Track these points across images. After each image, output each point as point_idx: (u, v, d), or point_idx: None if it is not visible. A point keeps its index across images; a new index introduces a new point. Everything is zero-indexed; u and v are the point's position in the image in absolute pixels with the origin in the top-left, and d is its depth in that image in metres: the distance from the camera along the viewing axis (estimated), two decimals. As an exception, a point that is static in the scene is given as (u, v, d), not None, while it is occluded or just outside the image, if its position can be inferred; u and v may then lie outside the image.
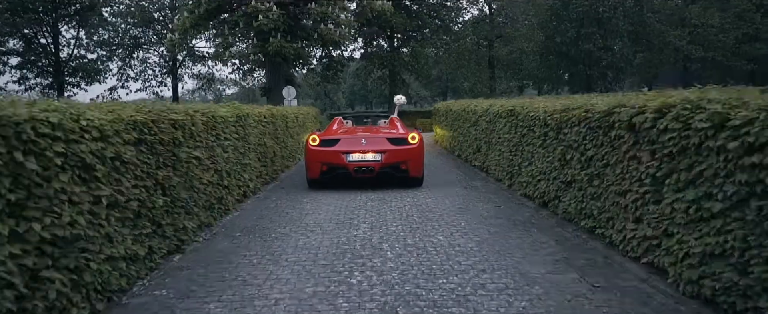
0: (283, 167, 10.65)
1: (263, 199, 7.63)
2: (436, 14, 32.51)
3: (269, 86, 20.07)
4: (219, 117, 6.17)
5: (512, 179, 7.92)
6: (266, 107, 9.52)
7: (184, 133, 4.97)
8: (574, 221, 5.41)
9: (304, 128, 13.94)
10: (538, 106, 6.65)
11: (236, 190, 6.89)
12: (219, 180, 6.13)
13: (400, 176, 8.40)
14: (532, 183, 6.82)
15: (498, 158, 8.76)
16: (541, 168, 6.44)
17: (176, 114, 4.82)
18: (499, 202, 7.05)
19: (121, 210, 3.65)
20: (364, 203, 7.09)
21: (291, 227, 5.77)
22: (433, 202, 7.08)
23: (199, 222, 5.41)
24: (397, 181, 8.76)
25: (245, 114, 7.44)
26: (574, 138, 5.29)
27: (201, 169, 5.44)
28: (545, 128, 6.25)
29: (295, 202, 7.34)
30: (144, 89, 33.43)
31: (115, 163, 3.58)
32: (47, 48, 31.06)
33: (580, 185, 5.18)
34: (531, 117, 6.82)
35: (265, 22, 16.57)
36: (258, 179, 8.19)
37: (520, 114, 7.38)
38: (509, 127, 7.96)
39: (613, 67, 32.18)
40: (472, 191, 8.02)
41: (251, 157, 7.76)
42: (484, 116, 9.70)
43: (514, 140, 7.64)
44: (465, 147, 11.78)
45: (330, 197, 7.67)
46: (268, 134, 9.02)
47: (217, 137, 6.10)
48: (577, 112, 5.20)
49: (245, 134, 7.45)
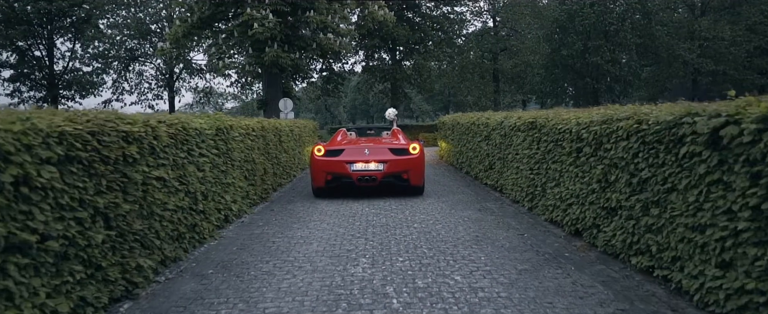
0: (276, 186, 9.68)
1: (248, 224, 6.64)
2: (439, 26, 31.77)
3: (266, 99, 19.16)
4: (192, 129, 5.22)
5: (533, 201, 6.93)
6: (256, 120, 8.59)
7: (141, 148, 4.01)
8: (621, 257, 4.42)
9: (301, 142, 13.00)
10: (567, 117, 5.69)
11: (215, 214, 5.91)
12: (192, 204, 5.16)
13: (402, 185, 8.62)
14: (560, 207, 5.84)
15: (515, 177, 7.78)
16: (572, 190, 5.46)
17: (129, 125, 3.86)
18: (521, 229, 6.06)
19: (29, 254, 2.67)
20: (364, 230, 6.10)
21: (276, 262, 4.78)
22: (444, 229, 6.09)
23: (163, 257, 4.43)
24: (402, 201, 7.84)
25: (228, 126, 6.49)
26: (621, 155, 4.32)
27: (166, 192, 4.48)
28: (578, 142, 5.29)
29: (284, 227, 6.35)
30: (139, 102, 32.62)
31: (20, 190, 2.61)
32: (42, 61, 30.34)
33: (631, 213, 4.20)
34: (558, 130, 5.86)
35: (261, 30, 15.69)
36: (244, 200, 7.22)
37: (543, 127, 6.42)
38: (529, 142, 7.01)
39: (620, 80, 31.35)
40: (487, 214, 7.03)
41: (235, 175, 6.80)
42: (498, 130, 8.75)
43: (537, 157, 6.67)
44: (475, 164, 10.81)
45: (325, 221, 6.68)
46: (257, 149, 8.07)
47: (190, 153, 5.15)
48: (625, 123, 4.24)
49: (228, 149, 6.50)
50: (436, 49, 31.32)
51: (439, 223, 6.45)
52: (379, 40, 28.96)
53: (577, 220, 5.39)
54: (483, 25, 35.30)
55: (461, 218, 6.77)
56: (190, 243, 5.13)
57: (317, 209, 7.57)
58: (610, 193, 4.57)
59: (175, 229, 4.72)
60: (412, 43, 30.40)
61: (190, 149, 5.13)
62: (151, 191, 4.15)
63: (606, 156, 4.65)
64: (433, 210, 7.36)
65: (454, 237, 5.65)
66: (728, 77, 31.13)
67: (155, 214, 4.25)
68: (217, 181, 6.02)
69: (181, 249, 4.88)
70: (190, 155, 5.13)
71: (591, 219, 5.01)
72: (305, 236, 5.86)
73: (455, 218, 6.72)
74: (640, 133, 4.03)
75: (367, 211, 7.36)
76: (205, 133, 5.57)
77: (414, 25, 30.59)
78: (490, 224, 6.37)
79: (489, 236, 5.70)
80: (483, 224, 6.37)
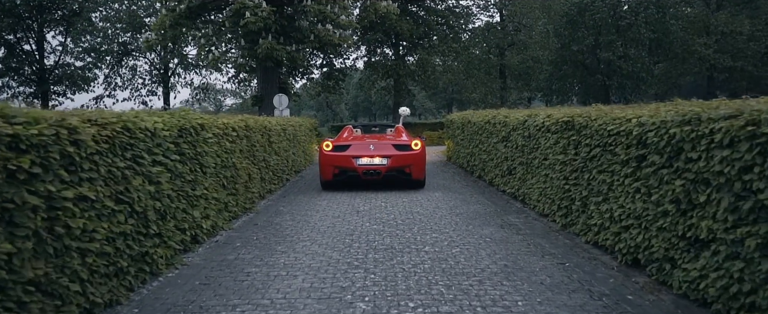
0: (265, 192, 8.50)
1: (222, 245, 5.45)
2: (444, 20, 30.47)
3: (261, 95, 17.93)
4: (140, 130, 4.02)
5: (568, 217, 5.73)
6: (239, 117, 7.40)
7: (46, 159, 2.83)
8: (717, 308, 3.22)
9: (296, 142, 11.81)
10: (622, 116, 4.49)
11: (177, 236, 4.73)
12: (140, 228, 3.98)
13: (404, 179, 9.22)
14: (610, 229, 4.64)
15: (542, 186, 6.59)
16: (629, 209, 4.26)
17: (22, 126, 2.68)
18: (559, 254, 4.87)
19: None
20: (364, 255, 4.91)
21: (245, 308, 3.59)
22: (463, 255, 4.89)
23: (88, 304, 3.24)
24: (410, 215, 6.67)
25: (196, 126, 5.29)
26: (718, 169, 3.12)
27: (92, 216, 3.29)
28: (640, 148, 4.09)
29: (265, 250, 5.16)
30: (132, 99, 31.43)
31: None
32: (32, 55, 29.20)
33: (737, 250, 3.00)
34: (609, 132, 4.66)
35: (253, 20, 14.45)
36: (220, 214, 6.03)
37: (585, 128, 5.22)
38: (564, 145, 5.80)
39: (632, 77, 30.06)
40: (512, 232, 5.83)
41: (208, 185, 5.62)
42: (520, 130, 7.55)
43: (574, 164, 5.47)
44: (490, 168, 9.61)
45: (316, 241, 5.49)
46: (239, 151, 6.88)
47: (137, 161, 3.96)
48: (726, 124, 3.03)
49: (197, 153, 5.31)
50: (440, 44, 30.02)
51: (455, 245, 5.26)
52: (382, 34, 27.70)
53: (636, 248, 4.19)
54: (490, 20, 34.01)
55: (482, 238, 5.57)
56: (138, 278, 3.95)
57: (308, 225, 6.38)
58: (697, 219, 3.36)
59: (110, 264, 3.53)
60: (415, 38, 29.12)
61: (136, 156, 3.94)
62: (63, 218, 2.97)
63: (689, 169, 3.44)
64: (446, 226, 6.17)
65: (477, 268, 4.45)
66: (746, 74, 29.84)
67: (70, 248, 3.06)
68: (181, 194, 4.83)
69: (122, 287, 3.69)
70: (136, 163, 3.94)
71: (661, 250, 3.81)
72: (289, 263, 4.67)
73: (474, 238, 5.53)
74: (752, 138, 2.83)
75: (368, 227, 6.17)
76: (161, 134, 4.38)
77: (418, 18, 29.32)
78: (518, 247, 5.17)
79: (521, 265, 4.51)
80: (510, 247, 5.17)
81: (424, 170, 9.42)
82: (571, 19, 29.50)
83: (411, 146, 9.18)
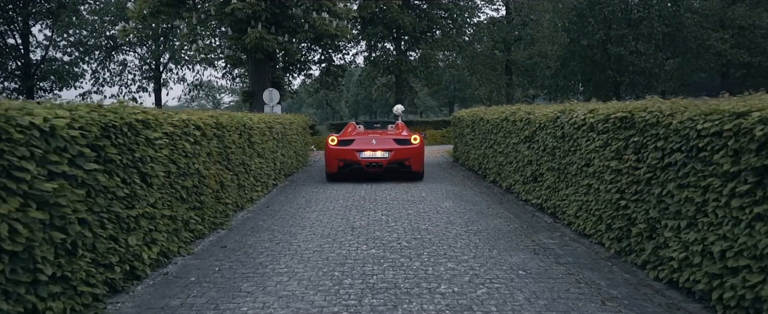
0: (244, 202, 7.18)
1: (170, 281, 4.11)
2: (447, 14, 29.06)
3: (252, 90, 16.57)
4: (21, 128, 2.70)
5: (625, 241, 4.41)
6: (209, 114, 6.08)
7: None
8: None
9: (285, 142, 10.48)
10: (717, 108, 3.16)
11: (96, 277, 3.40)
12: (14, 273, 2.65)
13: (404, 171, 9.76)
14: (706, 269, 3.31)
15: (584, 199, 5.26)
16: (743, 244, 2.94)
17: None
18: (622, 298, 3.54)
19: None
20: (358, 301, 3.58)
21: None
22: (493, 301, 3.56)
23: None
24: (417, 237, 5.35)
25: (135, 123, 3.96)
26: None
27: None
28: (762, 157, 2.76)
29: (225, 291, 3.83)
30: (120, 94, 30.02)
31: None
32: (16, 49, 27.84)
33: None
34: (698, 132, 3.33)
35: (241, 6, 13.09)
36: (174, 237, 4.70)
37: (653, 126, 3.89)
38: (618, 148, 4.48)
39: (644, 73, 28.68)
40: (551, 261, 4.50)
41: (156, 201, 4.29)
42: (550, 129, 6.22)
43: (637, 174, 4.14)
44: (508, 173, 8.27)
45: (296, 276, 4.16)
46: (206, 155, 5.56)
47: (11, 175, 2.63)
48: None
49: (136, 159, 3.98)
50: (444, 38, 28.62)
51: (480, 283, 3.92)
52: (383, 28, 26.34)
53: (756, 301, 2.87)
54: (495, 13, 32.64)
55: (512, 269, 4.24)
56: (16, 351, 2.63)
57: (289, 248, 5.05)
58: None
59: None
60: (418, 32, 27.73)
61: (7, 166, 2.61)
62: None
63: None
64: (464, 251, 4.84)
65: None
66: (763, 70, 28.45)
67: None
68: (105, 217, 3.51)
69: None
70: (10, 179, 2.62)
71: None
72: (262, 305, 3.35)
73: (504, 271, 4.20)
74: None
75: (365, 253, 4.84)
76: (64, 135, 3.05)
77: (420, 12, 27.94)
78: (565, 286, 3.84)
79: None
80: (553, 285, 3.84)
81: (422, 163, 10.07)
82: (581, 12, 28.15)
83: (410, 141, 9.81)
